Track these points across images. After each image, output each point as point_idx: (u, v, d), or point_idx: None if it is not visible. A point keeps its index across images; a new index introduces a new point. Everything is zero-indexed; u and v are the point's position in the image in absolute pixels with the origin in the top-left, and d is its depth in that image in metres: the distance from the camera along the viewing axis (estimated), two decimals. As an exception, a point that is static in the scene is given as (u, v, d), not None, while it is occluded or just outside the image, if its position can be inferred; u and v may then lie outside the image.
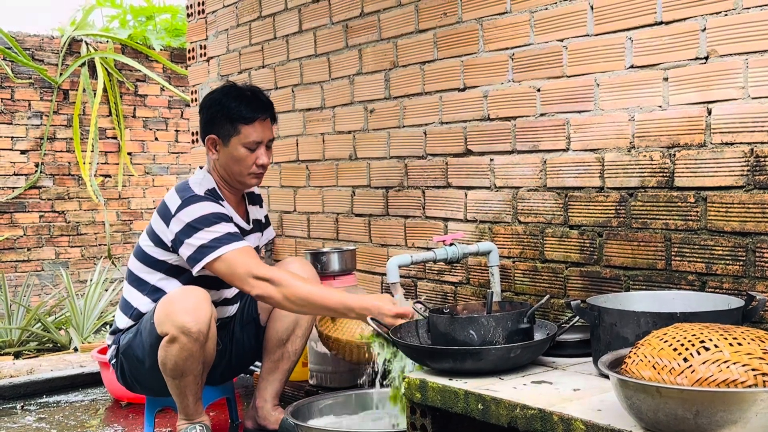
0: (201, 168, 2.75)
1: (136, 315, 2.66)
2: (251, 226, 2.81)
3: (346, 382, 2.99)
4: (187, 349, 2.43)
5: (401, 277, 2.98)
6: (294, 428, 2.48)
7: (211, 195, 2.62)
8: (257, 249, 2.85)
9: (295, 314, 2.73)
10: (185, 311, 2.42)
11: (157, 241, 2.63)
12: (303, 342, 2.80)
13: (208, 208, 2.54)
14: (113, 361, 2.73)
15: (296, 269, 2.76)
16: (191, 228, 2.50)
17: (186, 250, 2.52)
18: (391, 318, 2.36)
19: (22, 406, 3.58)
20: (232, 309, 2.83)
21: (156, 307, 2.52)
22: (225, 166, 2.66)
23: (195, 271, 2.52)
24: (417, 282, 3.14)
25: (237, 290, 2.75)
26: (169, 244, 2.58)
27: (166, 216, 2.58)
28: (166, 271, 2.64)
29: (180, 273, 2.61)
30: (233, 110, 2.62)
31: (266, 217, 2.96)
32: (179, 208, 2.55)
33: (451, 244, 2.69)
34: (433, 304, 2.95)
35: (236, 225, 2.68)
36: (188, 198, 2.56)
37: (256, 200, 2.91)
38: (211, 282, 2.61)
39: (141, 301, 2.66)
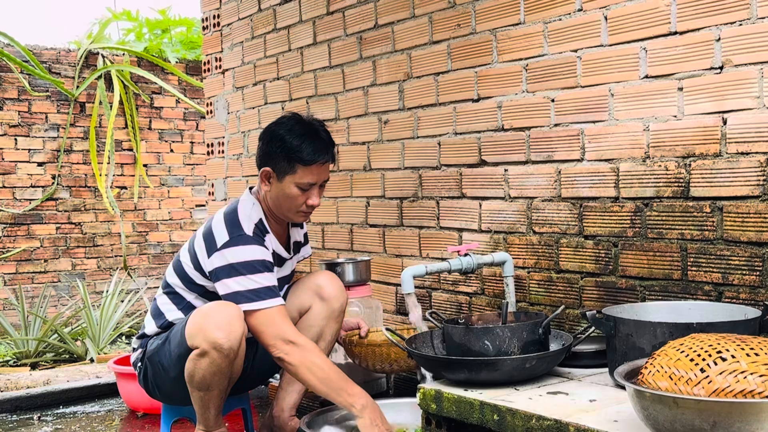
0: (251, 189, 2.71)
1: (166, 325, 2.67)
2: (291, 253, 2.80)
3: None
4: (216, 364, 2.44)
5: (416, 287, 2.99)
6: (309, 439, 2.49)
7: (259, 231, 2.59)
8: (294, 271, 2.86)
9: (320, 327, 2.73)
10: (218, 327, 2.42)
11: (197, 266, 2.61)
12: (325, 355, 2.80)
13: (253, 253, 2.51)
14: (138, 365, 2.73)
15: (324, 282, 2.76)
16: (233, 269, 2.49)
17: (221, 289, 2.51)
18: (385, 426, 2.39)
19: (39, 417, 3.60)
20: None
21: (188, 319, 2.51)
22: (275, 199, 2.63)
23: None
24: (431, 292, 3.14)
25: None
26: (208, 275, 2.58)
27: (210, 247, 2.56)
28: (202, 294, 2.64)
29: (217, 297, 2.61)
30: (293, 150, 2.55)
31: (305, 235, 2.94)
32: (225, 245, 2.52)
33: (465, 255, 2.69)
34: (448, 315, 2.95)
35: (278, 256, 2.67)
36: (237, 237, 2.53)
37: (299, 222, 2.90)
38: None
39: (174, 314, 2.65)
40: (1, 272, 6.23)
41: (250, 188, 2.74)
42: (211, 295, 2.61)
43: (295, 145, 2.56)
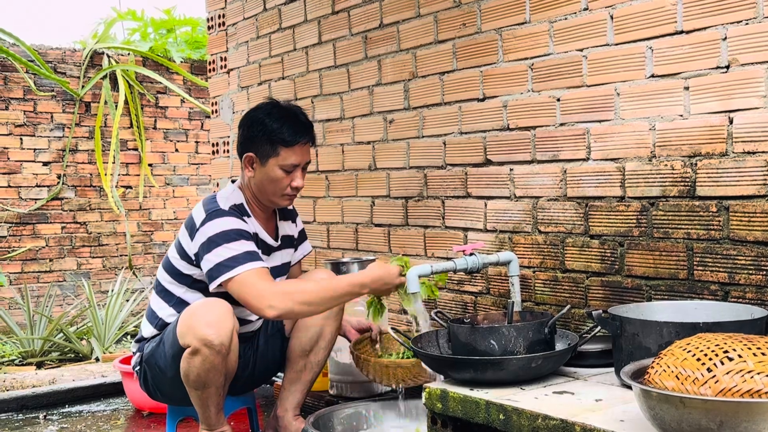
0: (232, 182, 2.77)
1: (160, 325, 2.68)
2: (279, 242, 2.81)
3: (366, 392, 2.99)
4: (209, 361, 2.44)
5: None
6: (314, 438, 2.49)
7: (237, 210, 2.62)
8: (287, 264, 2.86)
9: (319, 325, 2.74)
10: (207, 324, 2.43)
11: (183, 255, 2.64)
12: (326, 353, 2.80)
13: (229, 223, 2.55)
14: (137, 369, 2.74)
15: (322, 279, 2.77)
16: (211, 242, 2.52)
17: (205, 266, 2.53)
18: (398, 278, 2.49)
19: (45, 416, 3.61)
20: (257, 324, 2.84)
21: (178, 319, 2.53)
22: (259, 184, 2.66)
23: (211, 288, 2.53)
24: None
25: None
26: (193, 258, 2.60)
27: (192, 229, 2.60)
28: (191, 285, 2.65)
29: (205, 287, 2.62)
30: (275, 132, 2.61)
31: (301, 232, 2.95)
32: (203, 222, 2.56)
33: (471, 254, 2.68)
34: (453, 315, 2.95)
35: (262, 241, 2.69)
36: (212, 212, 2.57)
37: (289, 216, 2.90)
38: (236, 302, 2.60)
39: (166, 312, 2.68)
40: (6, 271, 6.25)
41: (232, 181, 2.77)
42: (199, 284, 2.62)
43: (276, 128, 2.61)
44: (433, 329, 2.44)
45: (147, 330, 2.72)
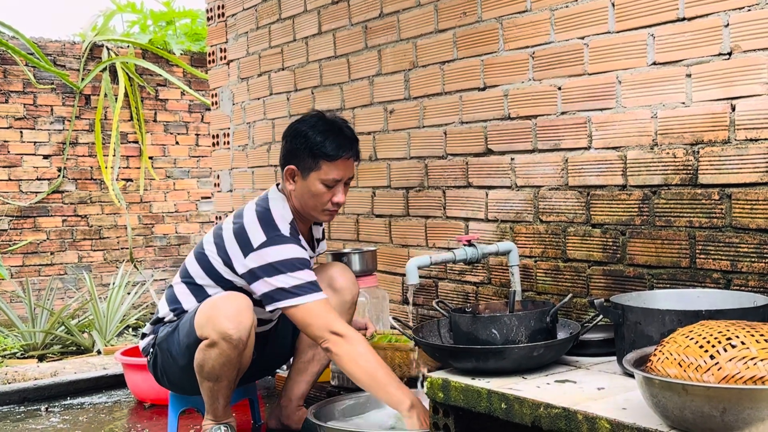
0: (278, 187, 2.69)
1: (179, 312, 2.66)
2: (313, 252, 2.80)
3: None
4: (225, 355, 2.43)
5: (422, 277, 2.98)
6: (316, 428, 2.49)
7: (294, 230, 2.58)
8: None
9: None
10: (227, 317, 2.42)
11: (227, 262, 2.59)
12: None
13: (293, 252, 2.51)
14: (150, 350, 2.72)
15: (336, 274, 2.77)
16: (274, 269, 2.48)
17: (263, 287, 2.50)
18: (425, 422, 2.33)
19: (47, 408, 3.61)
20: (269, 325, 2.83)
21: (197, 309, 2.51)
22: (300, 198, 2.61)
23: (268, 308, 2.52)
24: (438, 282, 3.13)
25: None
26: (240, 273, 2.56)
27: (245, 246, 2.54)
28: (228, 289, 2.63)
29: (243, 293, 2.60)
30: (317, 146, 2.54)
31: (323, 231, 2.94)
32: (263, 245, 2.51)
33: (470, 245, 2.68)
34: (455, 305, 2.94)
35: None
36: (274, 237, 2.52)
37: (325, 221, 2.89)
38: (257, 301, 2.59)
39: (191, 305, 2.64)
40: (7, 265, 6.25)
41: (277, 184, 2.72)
42: (237, 290, 2.59)
43: (318, 141, 2.54)
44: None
45: (165, 312, 2.69)
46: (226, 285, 2.61)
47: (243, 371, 2.59)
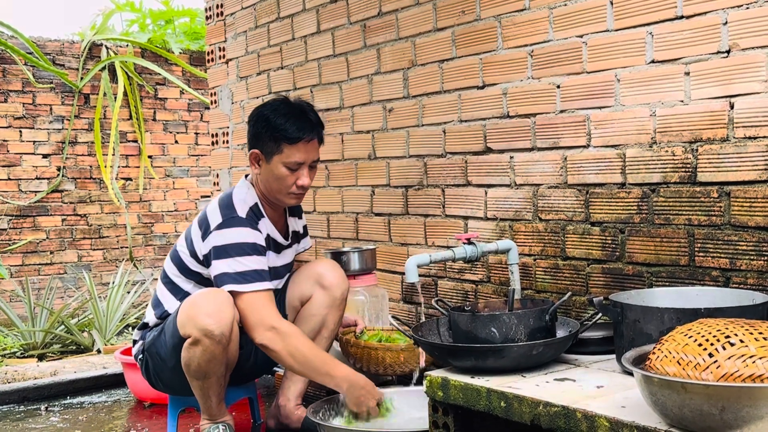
0: (246, 177, 2.73)
1: (165, 315, 2.68)
2: (289, 240, 2.79)
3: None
4: (209, 351, 2.44)
5: (421, 276, 2.98)
6: (316, 427, 2.49)
7: (253, 214, 2.60)
8: (292, 263, 2.85)
9: (322, 315, 2.74)
10: (207, 314, 2.43)
11: (192, 252, 2.62)
12: (328, 343, 2.80)
13: (245, 236, 2.52)
14: (139, 357, 2.73)
15: (324, 271, 2.77)
16: (222, 251, 2.50)
17: (212, 271, 2.53)
18: (373, 401, 2.44)
19: (47, 408, 3.61)
20: None
21: (179, 309, 2.52)
22: (265, 182, 2.63)
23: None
24: (437, 281, 3.13)
25: None
26: (202, 258, 2.58)
27: (205, 230, 2.57)
28: (198, 281, 2.65)
29: (212, 285, 2.61)
30: (278, 128, 2.56)
31: (305, 227, 2.94)
32: (219, 227, 2.54)
33: (469, 243, 2.68)
34: (454, 303, 2.94)
35: (274, 241, 2.68)
36: (229, 219, 2.54)
37: (296, 211, 2.90)
38: None
39: (172, 304, 2.66)
40: (7, 264, 6.25)
41: (246, 176, 2.74)
42: (207, 283, 2.61)
43: (279, 124, 2.57)
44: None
45: (150, 318, 2.72)
46: (196, 278, 2.63)
47: (232, 366, 2.58)
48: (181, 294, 2.66)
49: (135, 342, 2.79)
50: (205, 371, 2.48)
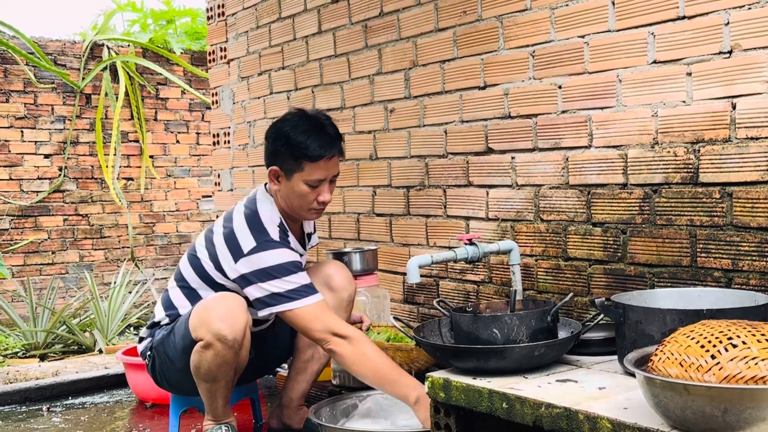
0: (265, 187, 2.68)
1: (175, 316, 2.66)
2: (305, 249, 2.79)
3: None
4: (221, 356, 2.43)
5: (423, 276, 2.98)
6: (318, 428, 2.49)
7: (283, 234, 2.57)
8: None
9: None
10: (221, 318, 2.41)
11: (218, 267, 2.58)
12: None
13: (284, 256, 2.50)
14: (147, 354, 2.72)
15: (333, 272, 2.76)
16: (267, 274, 2.47)
17: (256, 292, 2.49)
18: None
19: (48, 408, 3.61)
20: (266, 324, 2.83)
21: (191, 312, 2.51)
22: (286, 198, 2.60)
23: (261, 313, 2.51)
24: (439, 281, 3.13)
25: None
26: (232, 278, 2.56)
27: (236, 251, 2.52)
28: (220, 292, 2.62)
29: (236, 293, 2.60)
30: (299, 146, 2.51)
31: (314, 224, 2.93)
32: (253, 251, 2.50)
33: (471, 244, 2.68)
34: (456, 303, 2.94)
35: (297, 253, 2.67)
36: (264, 243, 2.51)
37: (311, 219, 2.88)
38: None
39: (186, 309, 2.63)
40: (9, 264, 6.25)
41: (265, 185, 2.70)
42: (231, 293, 2.59)
43: (300, 142, 2.51)
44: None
45: (161, 316, 2.70)
46: (219, 288, 2.61)
47: (240, 370, 2.58)
48: (198, 301, 2.63)
49: (142, 339, 2.77)
50: (214, 375, 2.48)
